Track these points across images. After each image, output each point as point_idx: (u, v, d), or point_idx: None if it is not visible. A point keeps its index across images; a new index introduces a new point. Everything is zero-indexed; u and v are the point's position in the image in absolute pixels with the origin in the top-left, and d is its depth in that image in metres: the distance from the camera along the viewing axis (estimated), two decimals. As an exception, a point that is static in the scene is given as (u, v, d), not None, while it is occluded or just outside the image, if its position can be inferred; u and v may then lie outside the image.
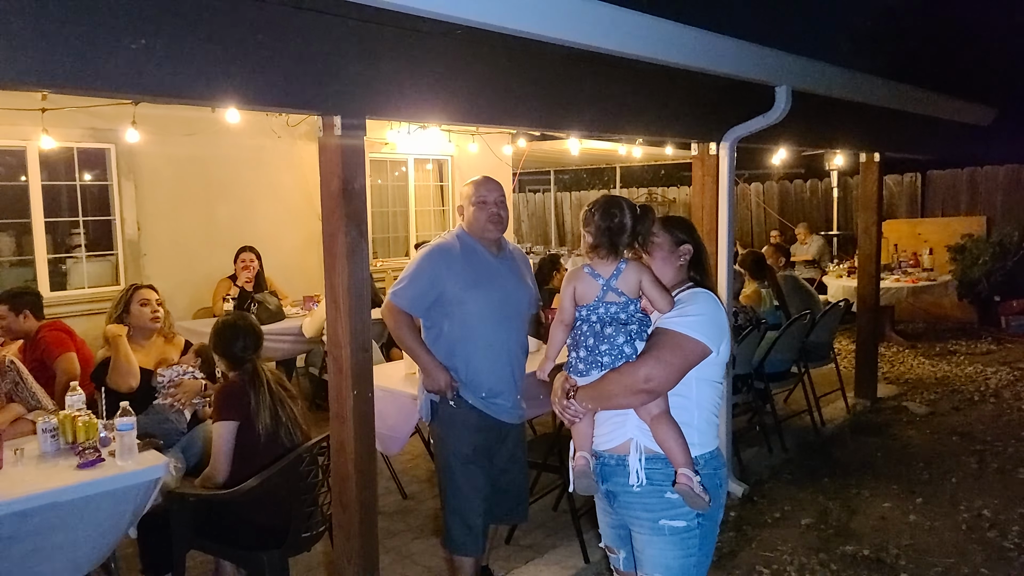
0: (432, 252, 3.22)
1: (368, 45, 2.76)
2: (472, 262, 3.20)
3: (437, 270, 3.16)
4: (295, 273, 7.51)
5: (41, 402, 3.64)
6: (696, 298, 2.29)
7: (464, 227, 3.29)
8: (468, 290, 3.15)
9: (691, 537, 2.25)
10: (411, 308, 3.20)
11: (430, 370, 3.17)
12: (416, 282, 3.18)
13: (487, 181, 3.31)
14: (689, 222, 2.56)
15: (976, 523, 4.28)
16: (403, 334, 3.22)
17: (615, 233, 2.22)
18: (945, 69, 5.59)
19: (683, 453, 2.18)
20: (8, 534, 2.67)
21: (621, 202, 2.26)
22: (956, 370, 7.82)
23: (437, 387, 3.16)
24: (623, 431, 2.27)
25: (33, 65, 2.06)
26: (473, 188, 3.28)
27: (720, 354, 2.25)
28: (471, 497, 3.21)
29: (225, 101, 2.58)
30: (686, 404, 2.25)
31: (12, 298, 4.43)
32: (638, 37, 3.29)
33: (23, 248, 6.72)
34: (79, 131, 6.61)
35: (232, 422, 3.22)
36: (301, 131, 7.93)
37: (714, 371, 2.30)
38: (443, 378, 3.15)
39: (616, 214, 2.23)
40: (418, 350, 3.20)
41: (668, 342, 2.18)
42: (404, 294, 3.19)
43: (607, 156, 11.15)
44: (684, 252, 2.40)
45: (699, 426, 2.27)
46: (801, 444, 5.67)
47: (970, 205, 11.06)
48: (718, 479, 2.31)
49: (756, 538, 4.16)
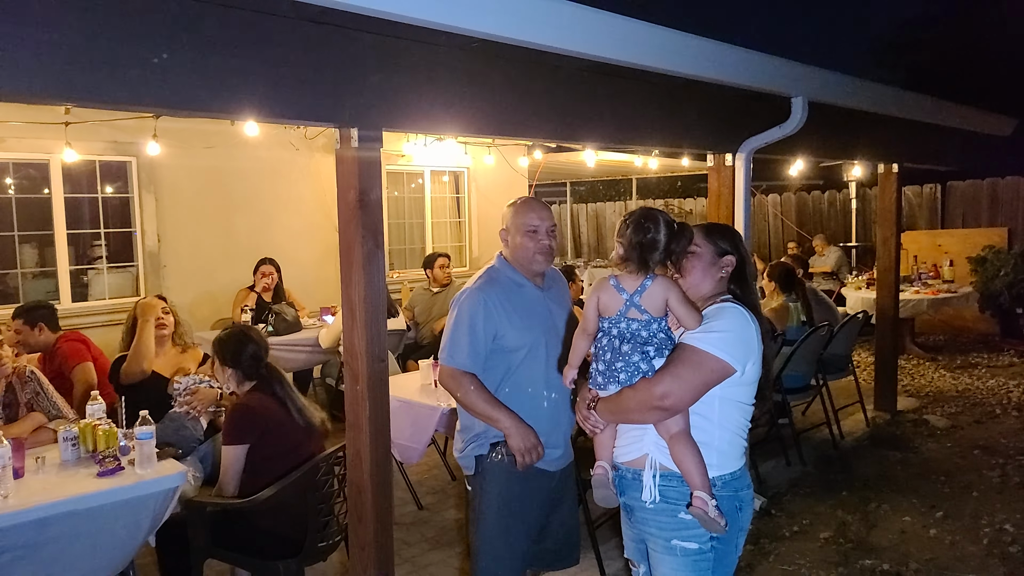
0: (476, 299, 2.77)
1: (385, 58, 2.79)
2: (519, 302, 2.81)
3: (489, 316, 2.74)
4: (313, 284, 7.56)
5: (62, 411, 3.68)
6: (723, 313, 2.18)
7: (507, 257, 2.89)
8: (519, 334, 2.78)
9: (703, 560, 2.19)
10: (474, 366, 2.75)
11: (516, 431, 2.69)
12: (472, 336, 2.74)
13: (537, 205, 2.87)
14: (734, 231, 2.43)
15: (998, 538, 4.22)
16: (474, 399, 2.73)
17: (646, 249, 2.13)
18: (965, 80, 5.56)
19: (700, 475, 2.11)
20: (28, 542, 2.70)
21: (658, 216, 2.16)
22: (978, 383, 7.72)
23: (526, 447, 2.69)
24: (640, 445, 2.24)
25: (58, 79, 2.10)
26: (522, 213, 2.83)
27: (746, 374, 2.15)
28: (509, 564, 2.82)
29: (245, 114, 2.61)
30: (707, 425, 2.18)
31: (26, 312, 4.51)
32: (653, 49, 3.29)
33: (46, 260, 6.81)
34: (101, 144, 6.71)
35: (242, 446, 3.23)
36: (319, 143, 8.00)
37: (740, 391, 2.20)
38: (532, 437, 2.70)
39: (650, 228, 2.13)
40: (498, 412, 2.71)
41: (688, 359, 2.10)
42: (462, 353, 2.75)
43: (623, 168, 11.15)
44: (726, 264, 2.29)
45: (720, 447, 2.19)
46: (820, 457, 5.62)
47: (991, 216, 10.96)
48: (738, 501, 2.23)
49: (774, 552, 4.13)
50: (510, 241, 2.85)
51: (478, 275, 2.88)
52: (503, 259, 2.89)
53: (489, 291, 2.78)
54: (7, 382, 3.63)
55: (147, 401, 3.61)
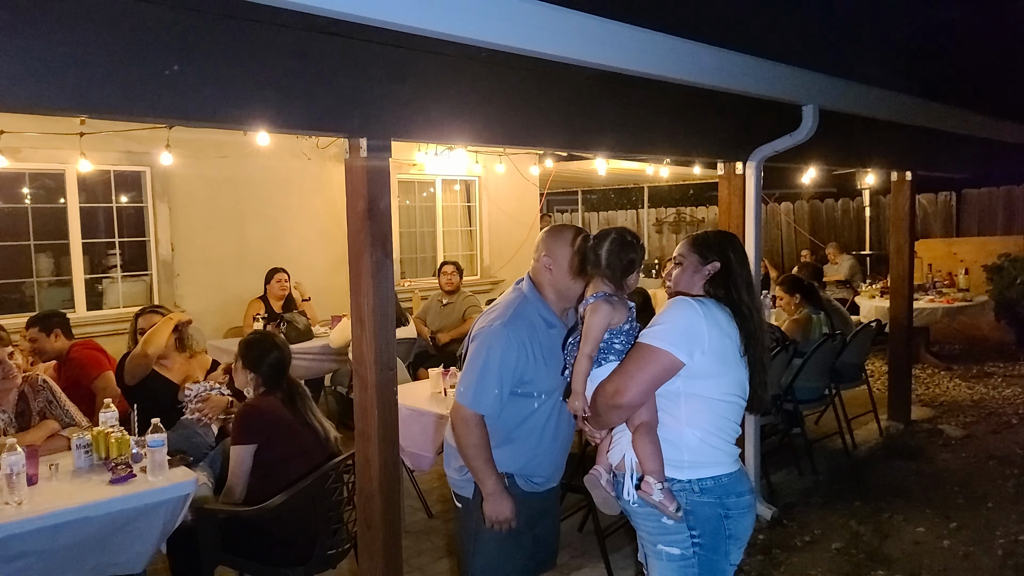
0: (508, 340, 2.51)
1: (394, 69, 2.82)
2: (547, 343, 2.58)
3: (520, 359, 2.52)
4: (324, 293, 7.60)
5: (75, 419, 3.72)
6: (670, 307, 2.24)
7: (540, 287, 2.62)
8: (545, 380, 2.58)
9: (688, 567, 2.20)
10: (494, 409, 2.54)
11: (496, 500, 2.54)
12: (501, 380, 2.51)
13: (588, 238, 2.54)
14: (726, 239, 2.44)
15: (1013, 549, 4.17)
16: (476, 452, 2.53)
17: (588, 261, 2.39)
18: (980, 87, 5.50)
19: (652, 460, 2.17)
20: (41, 548, 2.73)
21: (610, 231, 2.40)
22: (993, 392, 7.65)
23: (499, 519, 2.56)
24: (620, 447, 2.30)
25: (73, 91, 2.14)
26: (573, 243, 2.56)
27: (696, 364, 2.14)
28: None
29: (256, 124, 2.64)
30: (672, 423, 2.22)
31: (41, 320, 4.61)
32: (663, 58, 3.29)
33: (61, 269, 6.89)
34: (116, 154, 6.78)
35: (250, 446, 3.26)
36: (331, 153, 8.05)
37: (702, 385, 2.19)
38: (507, 510, 2.56)
39: (597, 243, 2.39)
40: (488, 476, 2.54)
41: (632, 355, 2.21)
42: (487, 398, 2.51)
43: (634, 176, 11.15)
44: (711, 269, 2.34)
45: (690, 443, 2.20)
46: (832, 467, 5.57)
47: (1007, 224, 10.87)
48: (723, 508, 2.20)
49: (786, 562, 4.09)
50: (554, 273, 2.57)
51: (506, 306, 2.61)
52: (535, 291, 2.62)
53: (520, 329, 2.53)
54: (20, 391, 3.66)
55: (158, 408, 3.65)
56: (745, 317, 2.27)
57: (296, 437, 3.34)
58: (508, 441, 2.61)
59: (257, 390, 3.45)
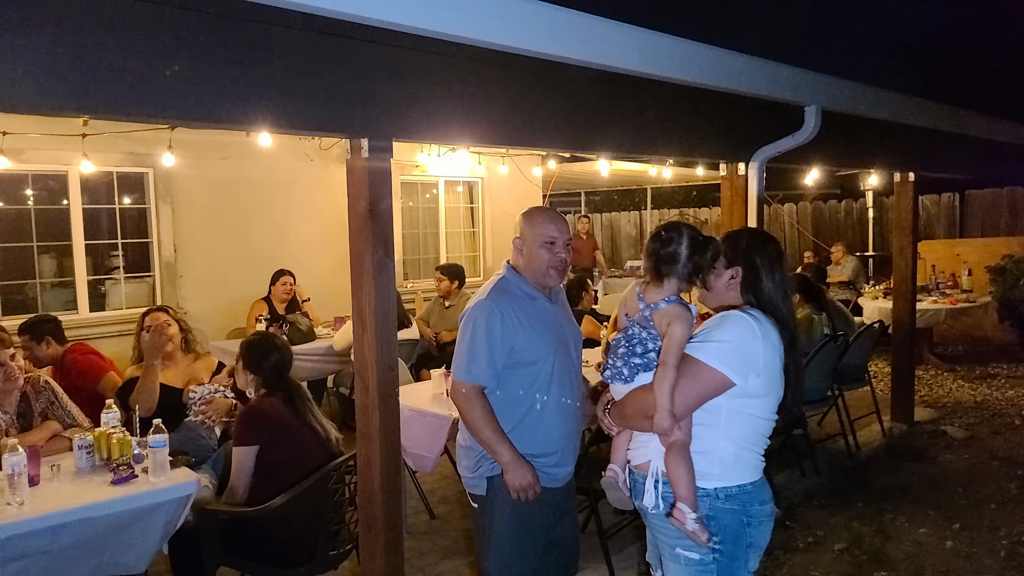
0: (491, 310, 2.63)
1: (396, 69, 2.82)
2: (532, 313, 2.69)
3: (506, 327, 2.62)
4: (327, 294, 7.60)
5: (76, 419, 3.72)
6: (725, 322, 2.12)
7: (517, 267, 2.77)
8: (535, 347, 2.65)
9: (707, 572, 2.16)
10: (491, 379, 2.63)
11: (515, 468, 2.59)
12: (490, 347, 2.60)
13: (555, 216, 2.76)
14: (738, 238, 2.33)
15: (1016, 550, 4.16)
16: (482, 425, 2.60)
17: (662, 261, 2.13)
18: (984, 88, 5.49)
19: (687, 487, 2.07)
20: (43, 548, 2.73)
21: (681, 229, 2.13)
22: (996, 393, 7.63)
23: (522, 485, 2.60)
24: (646, 451, 2.24)
25: (75, 92, 2.14)
26: (539, 224, 2.72)
27: (750, 386, 2.08)
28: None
29: (258, 125, 2.64)
30: (710, 434, 2.13)
31: (31, 328, 4.49)
32: (665, 59, 3.29)
33: (64, 270, 6.89)
34: (118, 156, 6.78)
35: (252, 447, 3.26)
36: (333, 154, 8.06)
37: (750, 404, 2.13)
38: (529, 475, 2.61)
39: (670, 240, 2.12)
40: (501, 445, 2.60)
41: (684, 369, 2.06)
42: (480, 367, 2.60)
43: (638, 177, 11.14)
44: (733, 274, 2.23)
45: (724, 458, 2.15)
46: (835, 468, 5.56)
47: (1010, 225, 10.85)
48: (746, 516, 2.17)
49: (788, 563, 4.09)
50: (524, 251, 2.72)
51: (487, 286, 2.75)
52: (512, 269, 2.77)
53: (503, 302, 2.65)
54: (21, 392, 3.66)
55: (161, 410, 3.65)
56: (785, 326, 2.18)
57: (298, 438, 3.34)
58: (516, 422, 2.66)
59: (258, 391, 3.46)
